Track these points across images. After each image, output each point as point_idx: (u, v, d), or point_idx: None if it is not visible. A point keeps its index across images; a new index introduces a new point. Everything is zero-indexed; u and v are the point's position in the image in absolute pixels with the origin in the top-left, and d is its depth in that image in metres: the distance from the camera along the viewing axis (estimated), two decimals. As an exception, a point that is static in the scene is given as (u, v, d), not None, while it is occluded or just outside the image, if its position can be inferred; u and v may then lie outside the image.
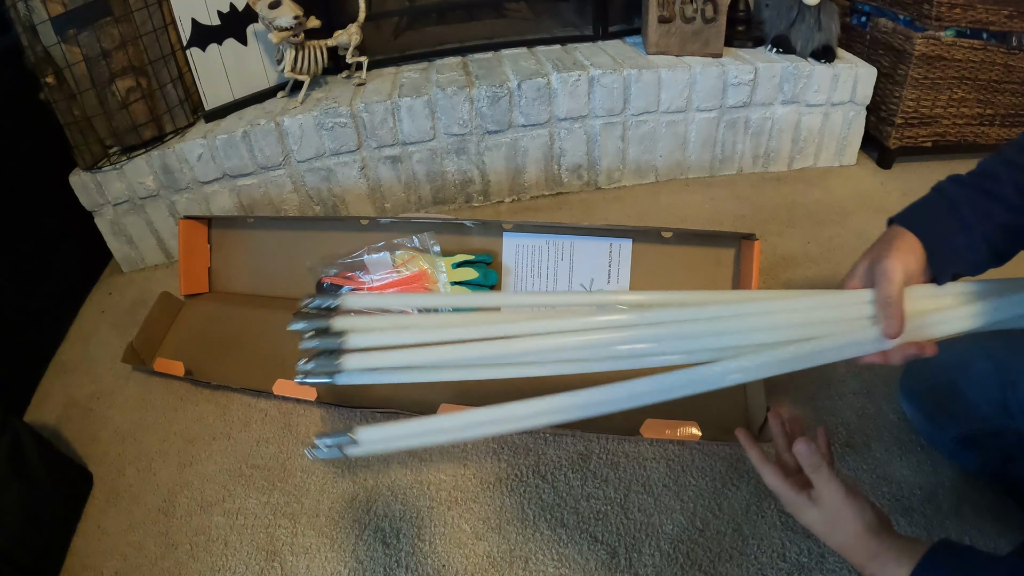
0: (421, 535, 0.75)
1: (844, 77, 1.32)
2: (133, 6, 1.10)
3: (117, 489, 0.85)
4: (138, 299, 1.20)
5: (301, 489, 0.81)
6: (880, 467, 0.77)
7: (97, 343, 1.11)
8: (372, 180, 1.32)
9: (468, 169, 1.34)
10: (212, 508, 0.81)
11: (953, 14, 1.21)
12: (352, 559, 0.73)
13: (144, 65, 1.14)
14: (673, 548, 0.71)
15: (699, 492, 0.76)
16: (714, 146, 1.40)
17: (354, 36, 1.27)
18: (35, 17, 1.02)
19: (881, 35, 1.35)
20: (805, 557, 0.69)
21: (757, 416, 0.78)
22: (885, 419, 0.82)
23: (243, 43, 1.24)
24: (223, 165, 1.22)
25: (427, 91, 1.24)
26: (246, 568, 0.73)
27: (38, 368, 1.06)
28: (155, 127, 1.19)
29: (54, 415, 0.97)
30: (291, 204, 1.30)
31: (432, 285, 1.00)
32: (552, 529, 0.74)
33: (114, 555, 0.77)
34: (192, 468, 0.86)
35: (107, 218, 1.23)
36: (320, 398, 0.89)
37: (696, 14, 1.32)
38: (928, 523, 0.70)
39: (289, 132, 1.22)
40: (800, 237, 1.21)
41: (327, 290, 1.05)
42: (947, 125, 1.35)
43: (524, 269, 1.01)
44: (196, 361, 0.98)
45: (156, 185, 1.21)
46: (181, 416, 0.94)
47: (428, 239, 1.01)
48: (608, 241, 0.97)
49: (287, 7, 1.15)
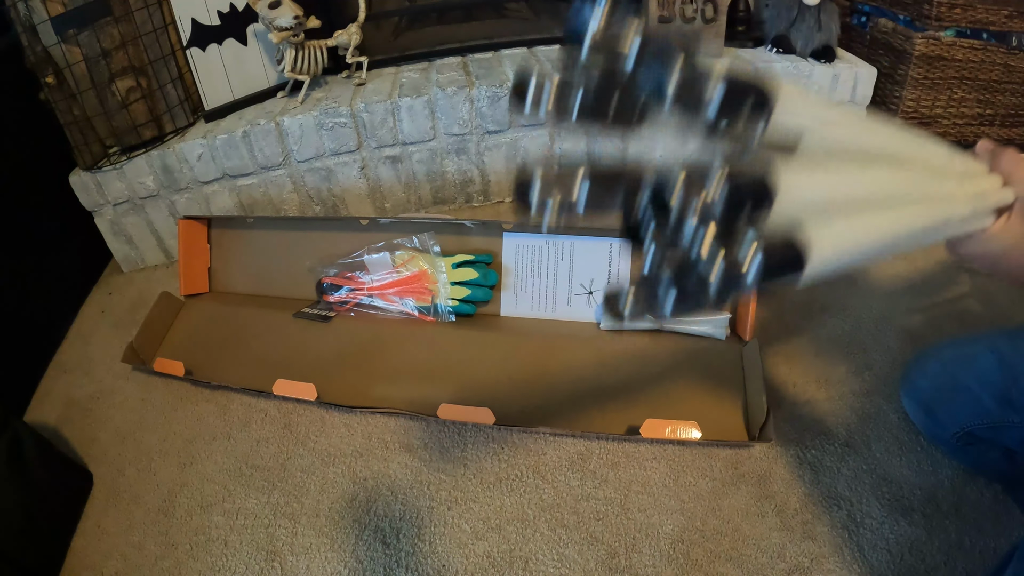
0: (421, 535, 0.75)
1: (844, 77, 1.32)
2: (133, 6, 1.10)
3: (117, 489, 0.85)
4: (138, 299, 1.20)
5: (301, 489, 0.81)
6: (880, 467, 0.77)
7: (97, 343, 1.11)
8: (372, 180, 1.32)
9: (468, 169, 1.34)
10: (212, 508, 0.81)
11: (953, 14, 1.21)
12: (352, 559, 0.73)
13: (144, 65, 1.14)
14: (673, 548, 0.71)
15: (699, 492, 0.76)
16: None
17: (354, 36, 1.27)
18: (35, 17, 1.02)
19: (881, 35, 1.35)
20: (804, 558, 0.69)
21: (757, 416, 0.78)
22: (885, 419, 0.82)
23: (243, 43, 1.24)
24: (223, 165, 1.22)
25: (427, 91, 1.24)
26: (246, 568, 0.73)
27: (38, 368, 1.06)
28: (155, 127, 1.19)
29: (54, 415, 0.97)
30: (291, 204, 1.30)
31: (432, 285, 1.00)
32: (552, 529, 0.74)
33: (114, 555, 0.77)
34: (192, 468, 0.86)
35: (107, 218, 1.23)
36: (320, 398, 0.89)
37: (696, 14, 1.32)
38: (928, 523, 0.70)
39: (289, 132, 1.22)
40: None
41: (334, 278, 1.05)
42: (947, 125, 1.35)
43: (524, 269, 1.01)
44: (196, 361, 0.98)
45: (156, 185, 1.21)
46: (181, 416, 0.94)
47: (428, 239, 1.01)
48: (608, 241, 0.97)
49: (287, 7, 1.15)
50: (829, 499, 0.74)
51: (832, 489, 0.75)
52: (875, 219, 0.37)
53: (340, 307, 1.03)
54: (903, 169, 0.41)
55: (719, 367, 0.87)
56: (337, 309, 1.03)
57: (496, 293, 1.02)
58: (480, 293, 1.00)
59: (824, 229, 0.32)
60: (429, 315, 1.00)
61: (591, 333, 0.96)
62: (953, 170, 0.45)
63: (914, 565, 0.67)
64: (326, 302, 1.05)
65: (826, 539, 0.70)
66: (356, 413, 0.90)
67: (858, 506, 0.73)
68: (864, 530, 0.70)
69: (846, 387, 0.87)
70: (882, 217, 0.37)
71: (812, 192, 0.33)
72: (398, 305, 1.02)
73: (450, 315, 1.00)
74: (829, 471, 0.77)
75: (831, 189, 0.35)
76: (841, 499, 0.74)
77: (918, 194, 0.40)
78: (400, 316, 1.01)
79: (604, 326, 0.96)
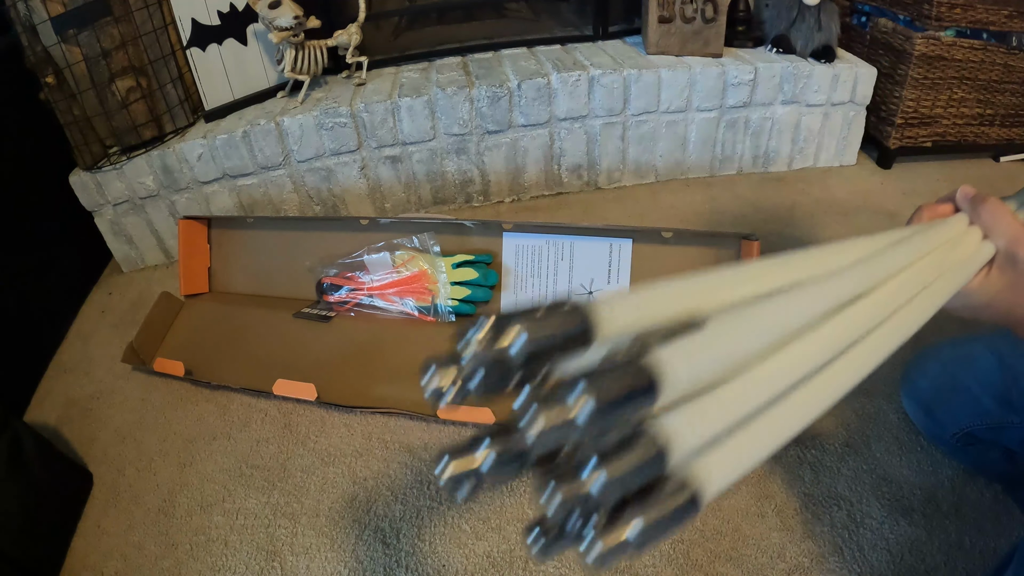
0: (421, 535, 0.75)
1: (844, 77, 1.32)
2: (133, 6, 1.10)
3: (117, 489, 0.85)
4: (138, 299, 1.20)
5: (301, 489, 0.81)
6: (880, 467, 0.77)
7: (97, 343, 1.11)
8: (372, 180, 1.32)
9: (468, 169, 1.34)
10: (212, 508, 0.81)
11: (953, 14, 1.21)
12: (352, 559, 0.73)
13: (144, 65, 1.14)
14: (672, 548, 0.71)
15: (699, 492, 0.76)
16: (714, 146, 1.40)
17: (354, 36, 1.27)
18: (35, 17, 1.02)
19: (881, 35, 1.35)
20: (804, 558, 0.69)
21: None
22: (885, 419, 0.82)
23: (243, 43, 1.24)
24: (223, 165, 1.22)
25: (427, 91, 1.24)
26: (246, 568, 0.73)
27: (38, 368, 1.06)
28: (155, 127, 1.19)
29: (54, 415, 0.97)
30: (291, 204, 1.30)
31: (432, 285, 1.00)
32: (552, 529, 0.74)
33: (114, 555, 0.77)
34: (192, 468, 0.86)
35: (107, 218, 1.23)
36: (320, 398, 0.89)
37: (696, 14, 1.32)
38: (928, 523, 0.70)
39: (289, 132, 1.22)
40: (800, 237, 1.21)
41: (333, 283, 1.05)
42: (947, 125, 1.35)
43: (524, 269, 1.01)
44: (196, 361, 0.98)
45: (156, 185, 1.21)
46: (181, 416, 0.94)
47: (428, 239, 1.01)
48: (608, 241, 0.97)
49: (287, 7, 1.15)
50: (829, 499, 0.74)
51: (832, 489, 0.75)
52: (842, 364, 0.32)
53: (340, 307, 1.03)
54: (888, 283, 0.37)
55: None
56: (337, 309, 1.03)
57: (496, 293, 1.02)
58: (480, 293, 1.00)
59: (722, 453, 0.27)
60: (429, 315, 1.00)
61: (591, 333, 0.96)
62: (937, 246, 0.42)
63: (914, 565, 0.67)
64: (326, 302, 1.05)
65: (826, 539, 0.70)
66: (356, 413, 0.90)
67: (858, 506, 0.73)
68: (864, 530, 0.70)
69: (846, 387, 0.87)
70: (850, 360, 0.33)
71: (717, 425, 0.27)
72: (398, 305, 1.02)
73: (450, 315, 1.00)
74: (829, 471, 0.77)
75: (745, 401, 0.28)
76: (841, 499, 0.74)
77: (898, 305, 0.37)
78: (400, 316, 1.01)
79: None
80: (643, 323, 0.27)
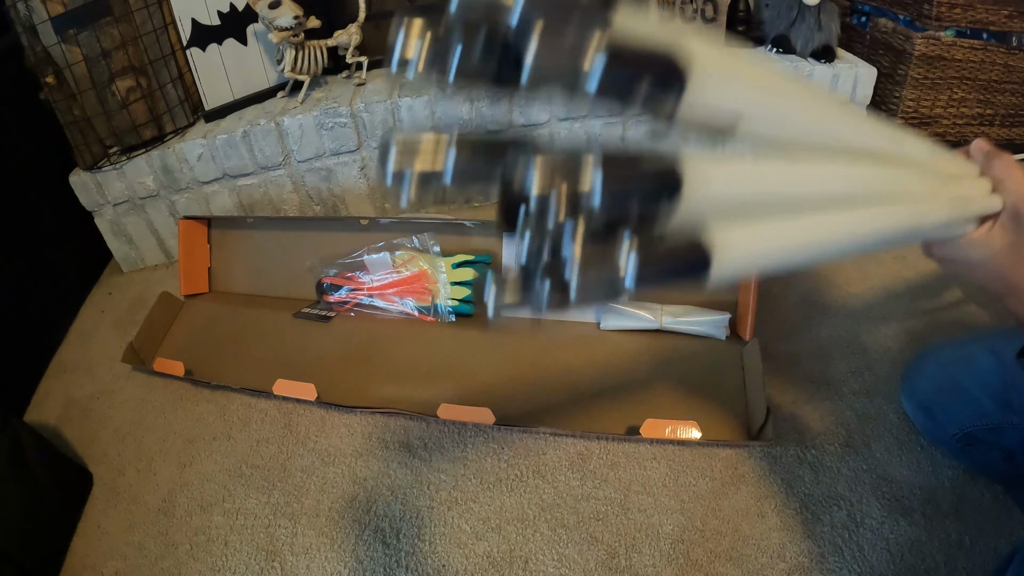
0: (421, 535, 0.75)
1: (844, 77, 1.32)
2: (133, 6, 1.10)
3: (117, 489, 0.85)
4: (138, 299, 1.20)
5: (301, 489, 0.81)
6: (880, 467, 0.77)
7: (97, 343, 1.11)
8: (372, 180, 1.32)
9: (468, 169, 1.34)
10: (212, 508, 0.81)
11: (953, 14, 1.21)
12: (352, 559, 0.73)
13: (144, 65, 1.14)
14: (672, 548, 0.71)
15: (699, 492, 0.76)
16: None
17: (354, 36, 1.27)
18: (35, 17, 1.02)
19: (881, 35, 1.35)
20: (804, 558, 0.69)
21: (757, 416, 0.78)
22: (885, 419, 0.82)
23: (243, 43, 1.24)
24: (223, 165, 1.22)
25: (427, 91, 1.24)
26: (246, 568, 0.73)
27: (38, 368, 1.06)
28: (155, 127, 1.19)
29: (54, 415, 0.97)
30: (291, 204, 1.30)
31: (432, 285, 1.00)
32: (552, 529, 0.74)
33: (114, 555, 0.77)
34: (192, 468, 0.86)
35: (107, 218, 1.23)
36: (320, 398, 0.89)
37: (696, 14, 1.32)
38: (928, 523, 0.70)
39: (289, 132, 1.22)
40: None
41: (334, 279, 1.05)
42: (947, 125, 1.35)
43: (524, 269, 1.00)
44: (196, 361, 0.98)
45: (156, 185, 1.21)
46: (181, 416, 0.94)
47: (428, 239, 1.01)
48: (608, 241, 0.97)
49: (287, 7, 1.15)
50: (829, 499, 0.74)
51: (832, 489, 0.75)
52: (814, 220, 0.33)
53: (340, 307, 1.03)
54: (875, 165, 0.38)
55: (719, 367, 0.87)
56: (337, 309, 1.03)
57: (496, 293, 1.01)
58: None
59: (739, 230, 0.28)
60: (429, 315, 1.00)
61: (591, 333, 0.96)
62: (938, 170, 0.42)
63: (914, 565, 0.67)
64: (326, 302, 1.05)
65: (826, 539, 0.70)
66: (356, 413, 0.90)
67: (858, 506, 0.73)
68: (864, 530, 0.70)
69: (846, 387, 0.87)
70: (824, 217, 0.34)
71: (728, 188, 0.28)
72: (398, 305, 1.02)
73: (450, 315, 1.00)
74: (829, 471, 0.77)
75: (754, 185, 0.30)
76: (841, 499, 0.74)
77: (887, 193, 0.37)
78: (400, 316, 1.01)
79: (603, 326, 0.96)
80: None
